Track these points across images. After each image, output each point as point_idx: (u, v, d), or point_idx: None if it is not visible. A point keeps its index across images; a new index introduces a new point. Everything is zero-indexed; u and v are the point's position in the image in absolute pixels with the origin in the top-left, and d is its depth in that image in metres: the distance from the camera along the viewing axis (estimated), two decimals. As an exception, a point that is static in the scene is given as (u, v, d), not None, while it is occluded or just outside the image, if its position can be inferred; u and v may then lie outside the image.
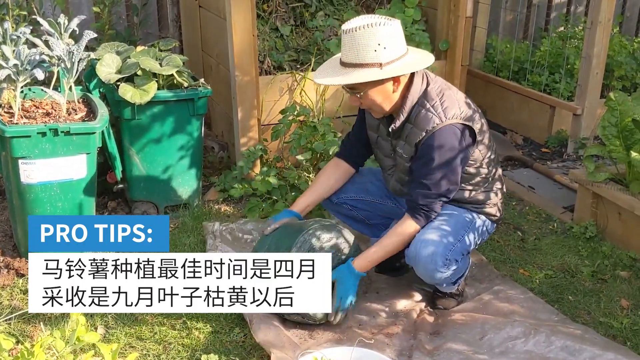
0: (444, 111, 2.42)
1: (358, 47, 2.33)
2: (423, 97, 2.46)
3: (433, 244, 2.47)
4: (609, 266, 3.08)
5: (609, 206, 3.26)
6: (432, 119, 2.42)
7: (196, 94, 3.29)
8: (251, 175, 3.62)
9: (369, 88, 2.40)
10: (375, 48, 2.32)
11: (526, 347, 2.45)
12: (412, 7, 4.28)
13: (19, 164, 2.74)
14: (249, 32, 3.50)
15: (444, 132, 2.41)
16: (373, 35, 2.31)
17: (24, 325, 2.55)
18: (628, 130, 3.17)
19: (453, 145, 2.42)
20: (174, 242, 3.18)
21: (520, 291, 2.85)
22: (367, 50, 2.32)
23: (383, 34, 2.32)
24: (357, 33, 2.32)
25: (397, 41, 2.38)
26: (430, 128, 2.41)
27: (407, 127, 2.48)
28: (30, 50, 2.82)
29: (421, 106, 2.45)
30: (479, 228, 2.67)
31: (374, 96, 2.43)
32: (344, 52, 2.39)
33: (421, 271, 2.53)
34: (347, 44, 2.36)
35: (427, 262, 2.47)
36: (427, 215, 2.50)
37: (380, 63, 2.34)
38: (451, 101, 2.46)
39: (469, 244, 2.61)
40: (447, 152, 2.42)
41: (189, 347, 2.46)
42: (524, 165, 4.32)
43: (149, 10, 4.64)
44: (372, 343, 2.41)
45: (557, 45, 5.09)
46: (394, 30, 2.36)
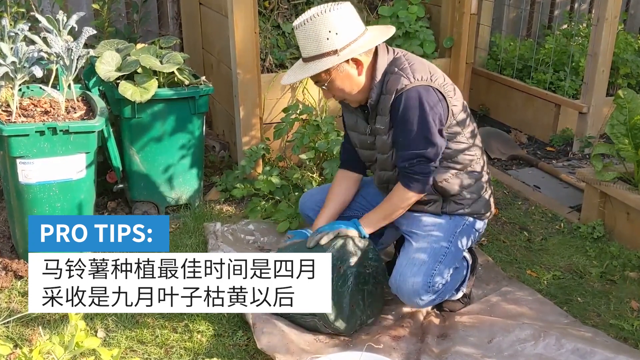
0: (412, 73, 2.38)
1: (310, 39, 2.30)
2: (391, 65, 2.42)
3: (412, 275, 2.43)
4: (618, 267, 3.04)
5: (617, 206, 3.22)
6: (401, 80, 2.37)
7: (197, 92, 3.24)
8: (253, 175, 3.57)
9: (332, 77, 2.36)
10: (327, 36, 2.28)
11: (536, 350, 2.40)
12: (415, 4, 4.23)
13: (17, 163, 2.69)
14: (251, 30, 3.45)
15: (412, 91, 2.35)
16: (322, 24, 2.28)
17: (23, 329, 2.50)
18: (637, 128, 3.12)
19: (422, 103, 2.35)
20: (175, 243, 3.13)
21: (528, 293, 2.81)
22: (320, 40, 2.29)
23: (332, 20, 2.28)
24: (307, 26, 2.29)
25: (350, 24, 2.33)
26: (399, 88, 2.36)
27: (381, 98, 2.43)
28: (29, 48, 2.78)
29: (390, 73, 2.41)
30: (468, 231, 2.59)
31: (340, 84, 2.39)
32: (301, 47, 2.36)
33: (406, 302, 2.52)
34: (300, 39, 2.34)
35: (410, 294, 2.45)
36: (414, 178, 2.42)
37: (335, 49, 2.30)
38: (422, 67, 2.43)
39: (456, 253, 2.55)
40: (417, 110, 2.35)
41: (191, 351, 2.42)
42: (529, 164, 4.27)
43: (149, 7, 4.59)
44: (380, 347, 2.36)
45: (561, 42, 5.04)
46: (343, 13, 2.31)
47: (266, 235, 3.24)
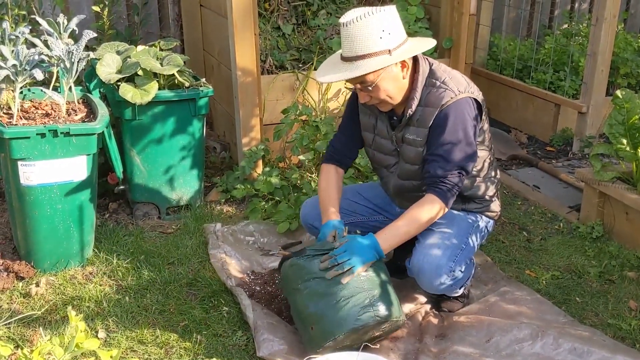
0: (455, 85, 2.40)
1: (362, 37, 2.26)
2: (430, 77, 2.42)
3: (436, 256, 2.43)
4: (617, 267, 3.04)
5: (616, 205, 3.22)
6: (446, 93, 2.38)
7: (197, 93, 3.26)
8: (253, 176, 3.59)
9: (381, 78, 2.33)
10: (381, 35, 2.26)
11: (533, 349, 2.41)
12: (415, 5, 4.25)
13: (18, 165, 2.71)
14: (251, 31, 3.46)
15: (458, 104, 2.37)
16: (375, 23, 2.25)
17: (24, 330, 2.52)
18: (635, 128, 3.13)
19: (466, 116, 2.37)
20: (176, 243, 3.15)
21: (527, 292, 2.82)
22: (373, 38, 2.26)
23: (385, 20, 2.27)
24: (359, 23, 2.25)
25: (399, 26, 2.33)
26: (445, 102, 2.37)
27: (418, 110, 2.42)
28: (30, 50, 2.79)
29: (430, 86, 2.41)
30: (482, 230, 2.64)
31: (387, 85, 2.35)
32: (347, 45, 2.30)
33: (425, 284, 2.49)
34: (349, 37, 2.28)
35: (432, 276, 2.43)
36: (448, 189, 2.38)
37: (389, 49, 2.28)
38: (457, 77, 2.45)
39: (472, 248, 2.57)
40: (461, 123, 2.36)
41: (190, 351, 2.43)
42: (529, 164, 4.28)
43: (149, 9, 4.61)
44: (377, 348, 2.37)
45: (561, 42, 5.05)
46: (393, 15, 2.31)
47: (266, 236, 3.25)
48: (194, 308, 2.67)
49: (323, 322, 2.26)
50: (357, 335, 2.29)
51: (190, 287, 2.82)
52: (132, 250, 3.07)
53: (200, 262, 3.01)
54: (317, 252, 2.37)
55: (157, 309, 2.66)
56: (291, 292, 2.39)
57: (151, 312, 2.64)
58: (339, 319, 2.24)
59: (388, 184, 2.67)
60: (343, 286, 2.27)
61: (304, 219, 2.80)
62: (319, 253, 2.36)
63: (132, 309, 2.66)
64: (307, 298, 2.31)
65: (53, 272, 2.90)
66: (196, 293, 2.78)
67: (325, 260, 2.32)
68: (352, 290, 2.27)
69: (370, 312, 2.26)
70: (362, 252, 2.31)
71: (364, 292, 2.28)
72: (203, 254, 3.07)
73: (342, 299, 2.25)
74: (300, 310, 2.35)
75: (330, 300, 2.26)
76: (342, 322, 2.23)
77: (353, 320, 2.23)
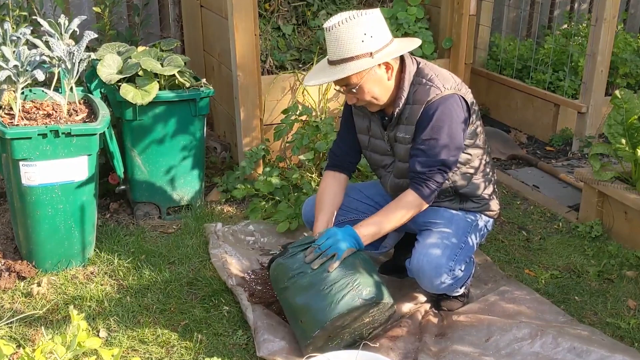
0: (442, 82, 2.41)
1: (344, 40, 2.30)
2: (417, 76, 2.44)
3: (436, 255, 2.45)
4: (615, 266, 3.05)
5: (615, 205, 3.23)
6: (432, 90, 2.40)
7: (198, 94, 3.27)
8: (254, 176, 3.60)
9: (364, 80, 2.36)
10: (362, 38, 2.29)
11: (533, 348, 2.42)
12: (414, 5, 4.25)
13: (19, 165, 2.72)
14: (251, 32, 3.48)
15: (444, 100, 2.38)
16: (357, 27, 2.29)
17: (26, 329, 2.53)
18: (634, 128, 3.14)
19: (452, 113, 2.39)
20: (177, 243, 3.16)
21: (526, 292, 2.83)
22: (355, 42, 2.29)
23: (367, 23, 2.30)
24: (341, 27, 2.29)
25: (382, 29, 2.35)
26: (430, 99, 2.39)
27: (407, 108, 2.45)
28: (31, 51, 2.80)
29: (417, 84, 2.43)
30: (481, 229, 2.65)
31: (371, 87, 2.39)
32: (331, 49, 2.35)
33: (426, 284, 2.50)
34: (333, 41, 2.33)
35: (432, 275, 2.45)
36: (427, 184, 2.41)
37: (370, 52, 2.31)
38: (445, 75, 2.47)
39: (472, 247, 2.59)
40: (447, 119, 2.38)
41: (191, 350, 2.44)
42: (529, 164, 4.29)
43: (150, 10, 4.62)
44: (377, 347, 2.38)
45: (561, 42, 5.06)
46: (376, 18, 2.34)
47: (266, 236, 3.27)
48: (194, 307, 2.69)
49: (310, 313, 2.30)
50: (347, 323, 2.31)
51: (191, 286, 2.84)
52: (133, 250, 3.09)
53: (201, 261, 3.02)
54: (299, 247, 2.43)
55: (158, 309, 2.68)
56: (280, 291, 2.43)
57: (152, 312, 2.66)
58: (323, 306, 2.28)
59: (385, 183, 2.69)
60: (326, 276, 2.32)
61: (306, 217, 2.84)
62: (301, 249, 2.42)
63: (133, 308, 2.67)
64: (294, 293, 2.35)
65: (54, 272, 2.91)
66: (197, 292, 2.79)
67: (310, 252, 2.37)
68: (334, 277, 2.32)
69: (352, 294, 2.29)
70: (343, 237, 2.37)
71: (345, 277, 2.32)
72: (204, 253, 3.08)
73: (324, 287, 2.30)
74: (290, 306, 2.39)
75: (314, 291, 2.31)
76: (327, 308, 2.27)
77: (336, 305, 2.27)
